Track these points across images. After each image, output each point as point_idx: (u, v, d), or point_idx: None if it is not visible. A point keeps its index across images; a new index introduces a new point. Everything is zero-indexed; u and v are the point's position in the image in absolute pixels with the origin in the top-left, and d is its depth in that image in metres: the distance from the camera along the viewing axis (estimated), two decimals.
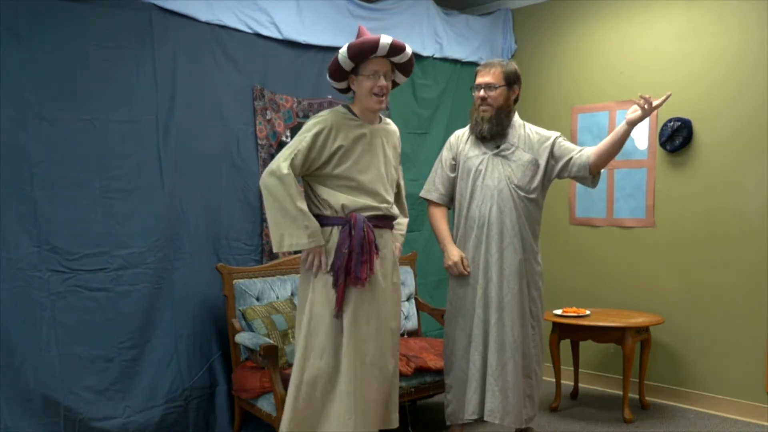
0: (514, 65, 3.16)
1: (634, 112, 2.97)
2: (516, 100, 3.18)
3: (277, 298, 3.46)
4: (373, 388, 2.65)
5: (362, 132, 2.68)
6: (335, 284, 2.59)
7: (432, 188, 3.29)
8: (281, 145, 3.73)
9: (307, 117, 3.84)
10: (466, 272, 3.10)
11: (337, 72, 2.67)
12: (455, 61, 4.67)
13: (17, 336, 2.81)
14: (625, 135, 3.02)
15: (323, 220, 2.63)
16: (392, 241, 2.79)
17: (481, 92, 3.10)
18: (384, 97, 2.67)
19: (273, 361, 2.96)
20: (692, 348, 4.10)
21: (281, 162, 2.57)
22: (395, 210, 2.78)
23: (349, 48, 2.58)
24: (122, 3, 3.11)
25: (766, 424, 3.77)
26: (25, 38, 2.84)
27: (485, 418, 3.05)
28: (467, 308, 3.12)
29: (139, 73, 3.17)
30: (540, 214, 3.20)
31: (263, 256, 3.66)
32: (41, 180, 2.89)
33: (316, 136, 2.61)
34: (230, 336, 3.34)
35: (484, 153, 3.14)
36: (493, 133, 3.11)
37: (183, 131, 3.33)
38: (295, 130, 3.79)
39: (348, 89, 2.76)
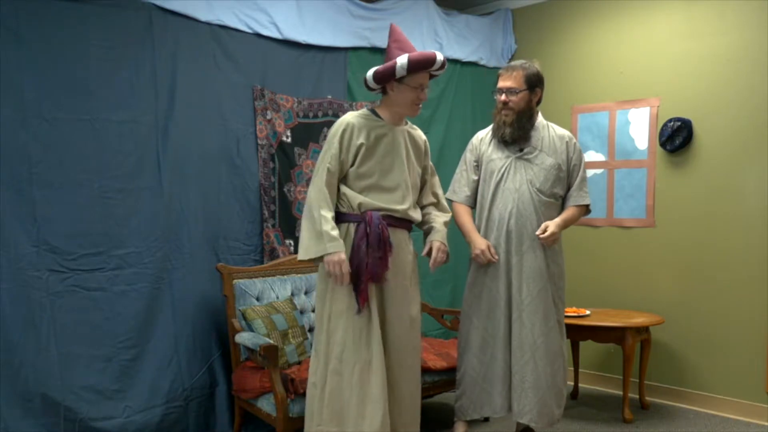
0: (536, 67, 3.13)
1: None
2: (539, 102, 3.18)
3: (277, 298, 3.46)
4: (403, 383, 2.68)
5: (384, 132, 2.70)
6: (356, 281, 2.60)
7: (458, 190, 3.29)
8: (281, 145, 3.73)
9: (307, 117, 3.85)
10: (494, 259, 3.08)
11: (385, 78, 2.66)
12: (455, 61, 4.66)
13: (17, 336, 2.81)
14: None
15: (339, 217, 2.68)
16: (408, 244, 2.79)
17: (503, 96, 3.09)
18: (420, 106, 2.74)
19: (273, 361, 2.95)
20: (692, 348, 4.10)
21: (317, 175, 2.65)
22: (415, 214, 2.78)
23: (410, 61, 2.60)
24: (122, 3, 3.11)
25: (766, 424, 3.77)
26: (25, 38, 2.84)
27: (513, 417, 3.11)
28: (482, 308, 3.13)
29: (138, 73, 3.17)
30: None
31: (263, 256, 3.66)
32: (40, 180, 2.89)
33: (342, 136, 2.66)
34: (230, 336, 3.34)
35: (508, 156, 3.14)
36: (514, 137, 3.11)
37: (183, 131, 3.33)
38: (295, 130, 3.80)
39: (378, 90, 2.75)
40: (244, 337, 3.15)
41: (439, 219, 2.90)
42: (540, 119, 3.20)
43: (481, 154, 3.23)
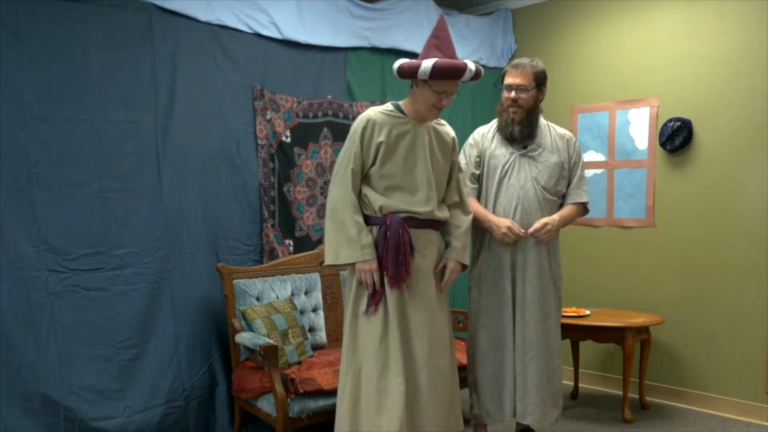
0: (542, 65, 3.11)
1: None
2: (542, 100, 3.15)
3: (277, 298, 3.46)
4: (429, 388, 2.61)
5: (405, 129, 2.63)
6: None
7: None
8: (281, 145, 3.73)
9: (306, 117, 3.85)
10: (522, 233, 3.01)
11: (407, 74, 2.57)
12: None
13: (17, 336, 2.82)
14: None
15: (365, 219, 2.62)
16: (435, 244, 2.72)
17: (512, 94, 3.05)
18: (441, 110, 2.63)
19: (273, 361, 2.95)
20: (692, 348, 4.10)
21: (340, 175, 2.58)
22: (441, 213, 2.70)
23: (434, 68, 2.47)
24: (122, 3, 3.11)
25: (766, 424, 3.77)
26: (25, 38, 2.84)
27: (516, 418, 3.08)
28: (490, 307, 3.10)
29: (138, 73, 3.17)
30: None
31: (263, 256, 3.66)
32: (40, 180, 2.89)
33: (363, 133, 2.59)
34: (230, 336, 3.34)
35: (512, 153, 3.11)
36: (523, 135, 3.09)
37: (182, 131, 3.33)
38: (295, 130, 3.80)
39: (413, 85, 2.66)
40: (244, 337, 3.15)
41: (459, 231, 2.78)
42: (541, 118, 3.18)
43: (484, 150, 3.19)
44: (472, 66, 2.54)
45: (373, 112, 2.65)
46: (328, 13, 3.94)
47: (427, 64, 2.49)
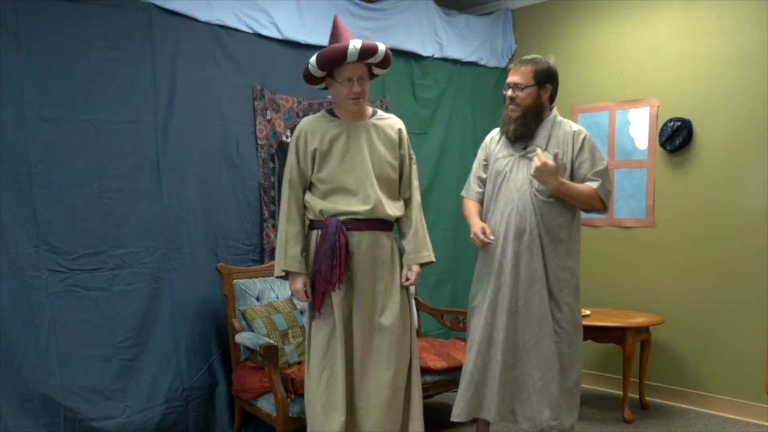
0: (547, 63, 3.05)
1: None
2: (552, 98, 3.08)
3: (277, 298, 3.46)
4: (370, 392, 2.63)
5: (338, 132, 2.65)
6: (313, 287, 2.64)
7: (469, 188, 3.23)
8: (281, 145, 3.73)
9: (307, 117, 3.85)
10: (489, 240, 2.98)
11: (312, 78, 2.67)
12: (455, 61, 4.67)
13: (17, 336, 2.82)
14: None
15: (310, 224, 2.71)
16: (382, 246, 2.68)
17: (509, 92, 3.03)
18: (360, 99, 2.62)
19: (273, 361, 2.95)
20: (692, 348, 4.10)
21: (282, 187, 2.70)
22: (389, 210, 2.67)
23: (317, 58, 2.56)
24: (122, 3, 3.11)
25: (766, 424, 3.77)
26: (25, 38, 2.84)
27: (491, 418, 3.02)
28: (486, 304, 3.03)
29: (138, 73, 3.18)
30: (569, 217, 3.03)
31: (263, 255, 3.66)
32: (40, 180, 2.89)
33: (297, 144, 2.67)
34: (230, 336, 3.34)
35: (512, 154, 3.06)
36: (518, 135, 3.02)
37: (182, 131, 3.33)
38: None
39: (327, 88, 2.73)
40: (244, 337, 3.15)
41: (409, 232, 2.74)
42: (552, 116, 3.07)
43: (491, 153, 3.15)
44: (356, 43, 2.52)
45: (305, 121, 2.71)
46: (328, 13, 3.92)
47: (312, 59, 2.58)
